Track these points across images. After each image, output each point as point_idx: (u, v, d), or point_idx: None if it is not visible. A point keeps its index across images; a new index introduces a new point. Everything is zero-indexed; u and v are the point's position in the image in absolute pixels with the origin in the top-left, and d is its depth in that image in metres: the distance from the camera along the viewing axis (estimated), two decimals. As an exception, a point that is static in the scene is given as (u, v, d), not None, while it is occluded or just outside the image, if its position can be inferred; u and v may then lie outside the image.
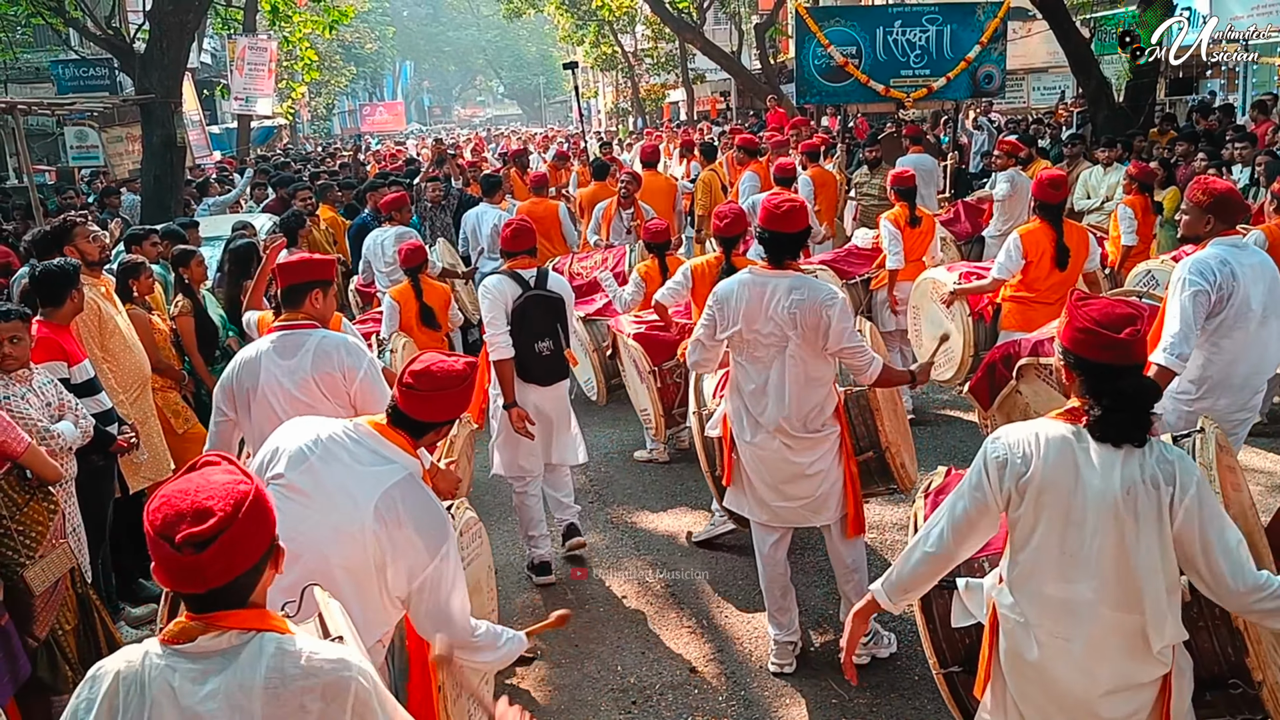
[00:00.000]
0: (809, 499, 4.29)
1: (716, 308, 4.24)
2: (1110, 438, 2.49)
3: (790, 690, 4.40)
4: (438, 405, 2.84)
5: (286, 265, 3.91)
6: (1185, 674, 2.65)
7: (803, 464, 4.24)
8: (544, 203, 9.91)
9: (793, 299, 4.04)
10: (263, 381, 3.79)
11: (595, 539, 6.07)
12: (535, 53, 74.69)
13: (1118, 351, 2.48)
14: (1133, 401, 2.48)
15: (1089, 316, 2.54)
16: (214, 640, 1.90)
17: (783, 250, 4.18)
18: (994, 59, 11.80)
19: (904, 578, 2.83)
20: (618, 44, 35.60)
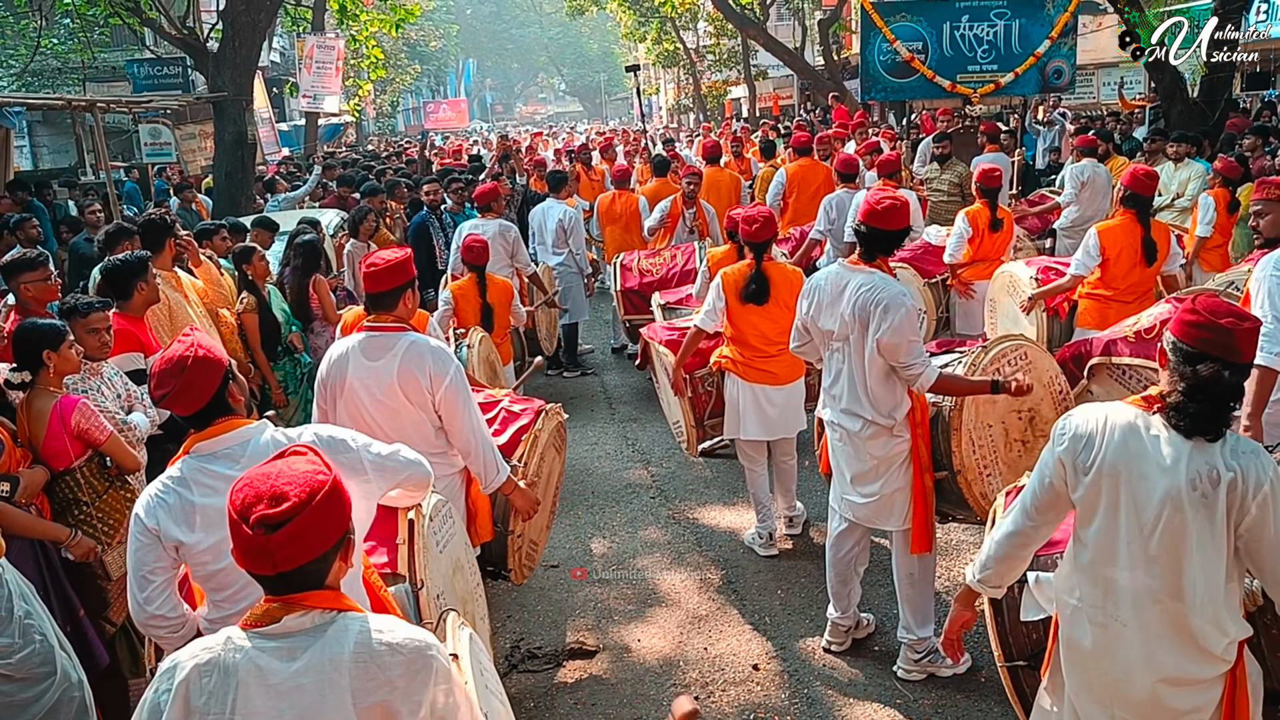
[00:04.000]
0: (874, 498, 4.27)
1: (807, 300, 4.33)
2: (1184, 427, 2.46)
3: (854, 689, 4.37)
4: None
5: (377, 270, 3.84)
6: (1254, 679, 2.60)
7: (867, 461, 4.24)
8: (625, 194, 9.98)
9: (860, 294, 4.06)
10: (350, 380, 3.84)
11: (657, 535, 6.09)
12: (597, 50, 74.86)
13: (1217, 338, 2.44)
14: (1216, 393, 2.43)
15: (1199, 304, 2.52)
16: (299, 619, 1.97)
17: (877, 246, 4.17)
18: (1064, 54, 11.56)
19: (988, 558, 2.87)
20: (680, 40, 35.55)
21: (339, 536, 2.01)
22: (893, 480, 4.24)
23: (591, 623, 5.10)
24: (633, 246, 9.58)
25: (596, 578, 5.59)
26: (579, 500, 6.69)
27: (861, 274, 4.12)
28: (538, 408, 4.65)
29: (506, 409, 4.49)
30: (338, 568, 2.03)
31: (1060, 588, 2.75)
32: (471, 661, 2.43)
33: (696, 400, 5.83)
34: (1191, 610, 2.50)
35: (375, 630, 1.99)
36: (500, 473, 3.95)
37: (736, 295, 5.31)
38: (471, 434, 3.87)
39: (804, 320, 4.38)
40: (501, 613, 5.21)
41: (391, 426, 3.82)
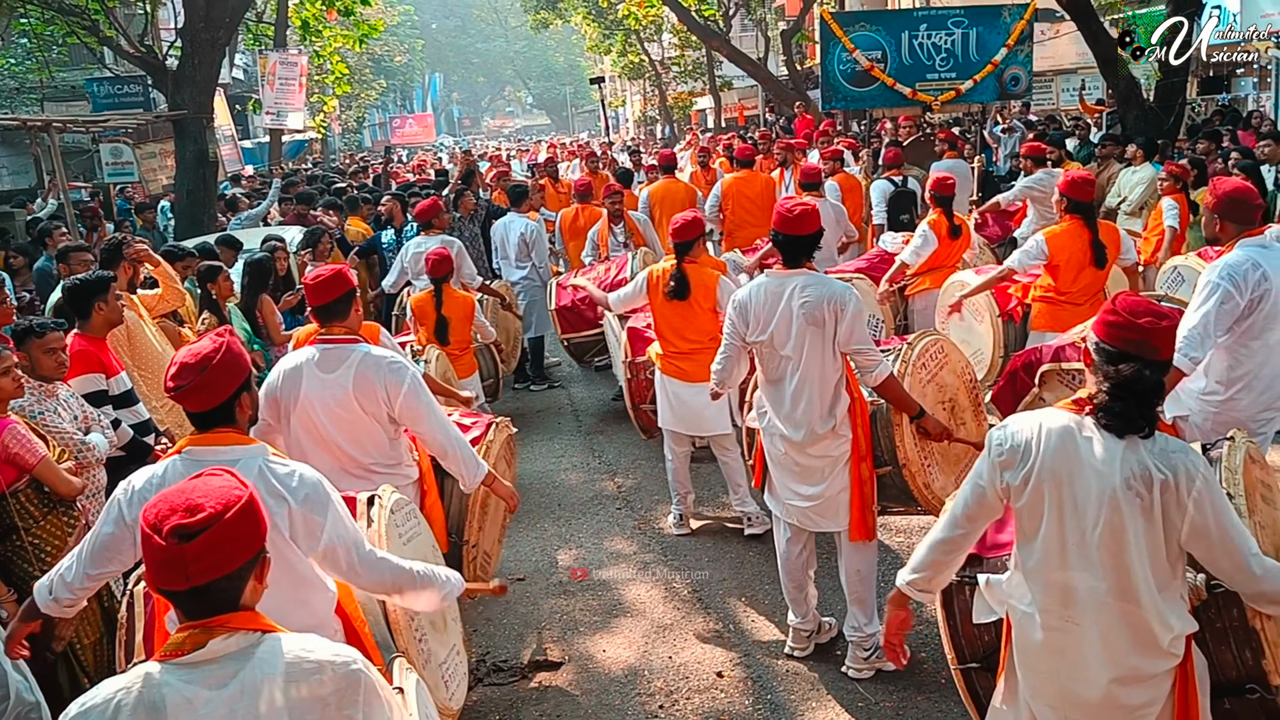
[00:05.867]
0: (819, 500, 4.33)
1: (738, 314, 4.34)
2: (1114, 427, 2.51)
3: (817, 693, 4.40)
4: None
5: (320, 282, 3.91)
6: (1200, 671, 2.65)
7: (806, 464, 4.32)
8: (588, 209, 10.01)
9: (806, 295, 4.14)
10: (304, 393, 3.84)
11: (623, 545, 6.11)
12: (563, 62, 75.05)
13: (1135, 337, 2.50)
14: (1138, 390, 2.49)
15: (1118, 304, 2.58)
16: (225, 642, 1.93)
17: (798, 252, 4.26)
18: (1020, 60, 11.73)
19: (919, 562, 2.90)
20: (645, 53, 35.69)
21: (253, 553, 1.99)
22: (838, 480, 4.30)
23: (557, 634, 5.11)
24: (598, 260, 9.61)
25: (562, 589, 5.60)
26: (545, 512, 6.70)
27: (799, 277, 4.21)
28: (488, 421, 4.69)
29: (458, 423, 4.51)
30: (252, 588, 2.01)
31: (1010, 593, 2.79)
32: (417, 702, 2.46)
33: (636, 385, 6.42)
34: (1139, 607, 2.55)
35: (302, 649, 1.98)
36: (480, 469, 3.99)
37: (659, 292, 5.63)
38: (443, 435, 3.90)
39: (735, 338, 4.38)
40: (468, 626, 5.18)
41: (347, 439, 3.84)
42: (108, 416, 4.78)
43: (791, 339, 4.18)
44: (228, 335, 2.85)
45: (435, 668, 3.28)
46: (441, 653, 3.37)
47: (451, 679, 3.41)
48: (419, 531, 3.53)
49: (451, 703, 3.34)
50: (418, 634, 3.20)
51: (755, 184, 10.08)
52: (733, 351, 4.45)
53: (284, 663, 1.94)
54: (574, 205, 10.25)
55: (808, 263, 4.28)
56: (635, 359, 6.48)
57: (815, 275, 4.26)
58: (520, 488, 7.08)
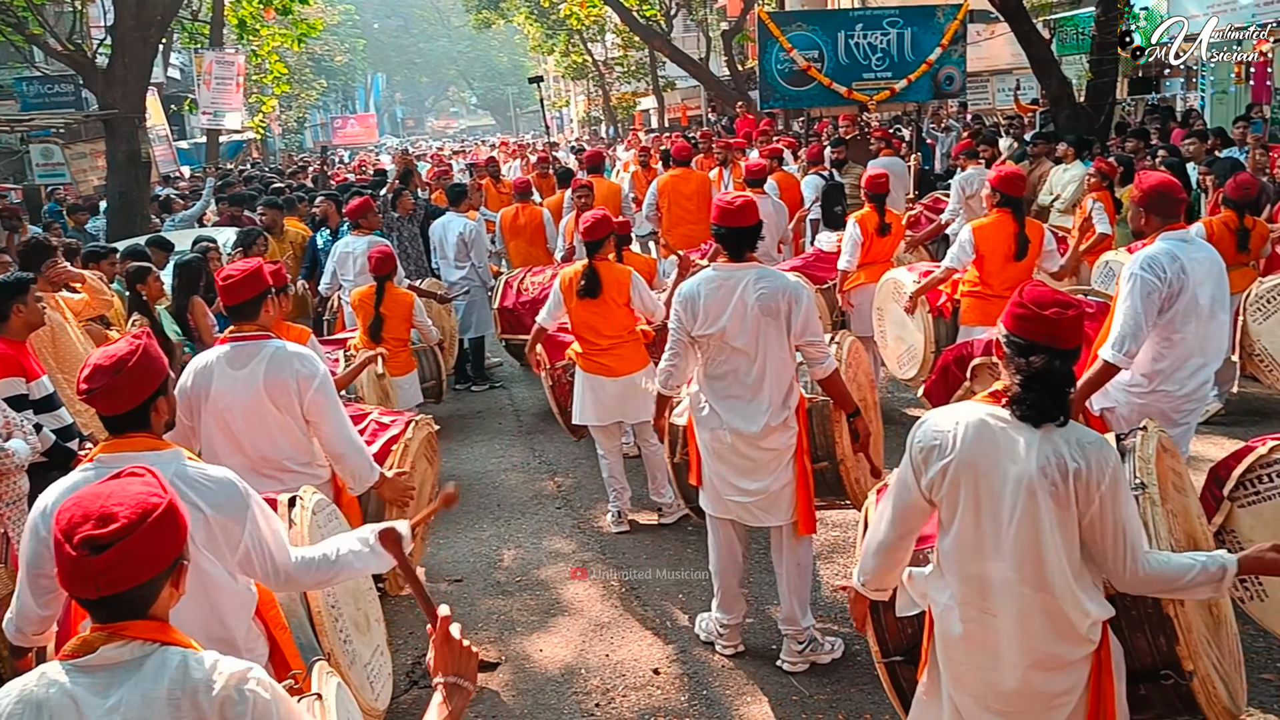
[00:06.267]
0: (762, 495, 4.33)
1: (684, 309, 4.31)
2: (1029, 417, 2.54)
3: (752, 688, 4.42)
4: None
5: (232, 282, 3.88)
6: (1117, 658, 2.70)
7: (756, 457, 4.31)
8: (528, 208, 9.97)
9: (760, 288, 4.17)
10: (214, 391, 3.79)
11: (562, 545, 6.10)
12: (507, 63, 74.76)
13: (1043, 329, 2.54)
14: (1050, 381, 2.53)
15: (1025, 296, 2.62)
16: (117, 650, 1.86)
17: (741, 244, 4.28)
18: (954, 60, 11.92)
19: (866, 569, 2.94)
20: (588, 53, 35.70)
21: (170, 562, 1.91)
22: (784, 474, 4.32)
23: (494, 635, 5.08)
24: (538, 260, 9.59)
25: (500, 589, 5.57)
26: (484, 513, 6.67)
27: (749, 270, 4.23)
28: (408, 418, 4.65)
29: (376, 420, 4.48)
30: (167, 594, 1.93)
31: (930, 585, 2.81)
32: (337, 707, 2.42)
33: (560, 389, 6.45)
34: (1055, 595, 2.58)
35: (194, 664, 1.89)
36: (373, 472, 3.94)
37: (572, 293, 5.67)
38: (341, 437, 3.85)
39: (681, 333, 4.35)
40: (404, 629, 5.15)
41: (260, 436, 3.79)
42: (29, 421, 4.66)
43: (746, 331, 4.19)
44: (145, 338, 2.78)
45: (360, 669, 3.24)
46: (366, 653, 3.34)
47: (376, 679, 3.37)
48: (339, 531, 3.48)
49: (377, 703, 3.31)
50: (342, 635, 3.17)
51: (691, 182, 10.14)
52: (680, 348, 4.40)
53: (170, 677, 1.85)
54: (514, 205, 10.22)
55: (751, 255, 4.30)
56: (554, 364, 6.49)
57: (766, 268, 4.32)
58: (459, 488, 7.09)
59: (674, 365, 4.46)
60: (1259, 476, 3.56)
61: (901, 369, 6.93)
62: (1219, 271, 4.43)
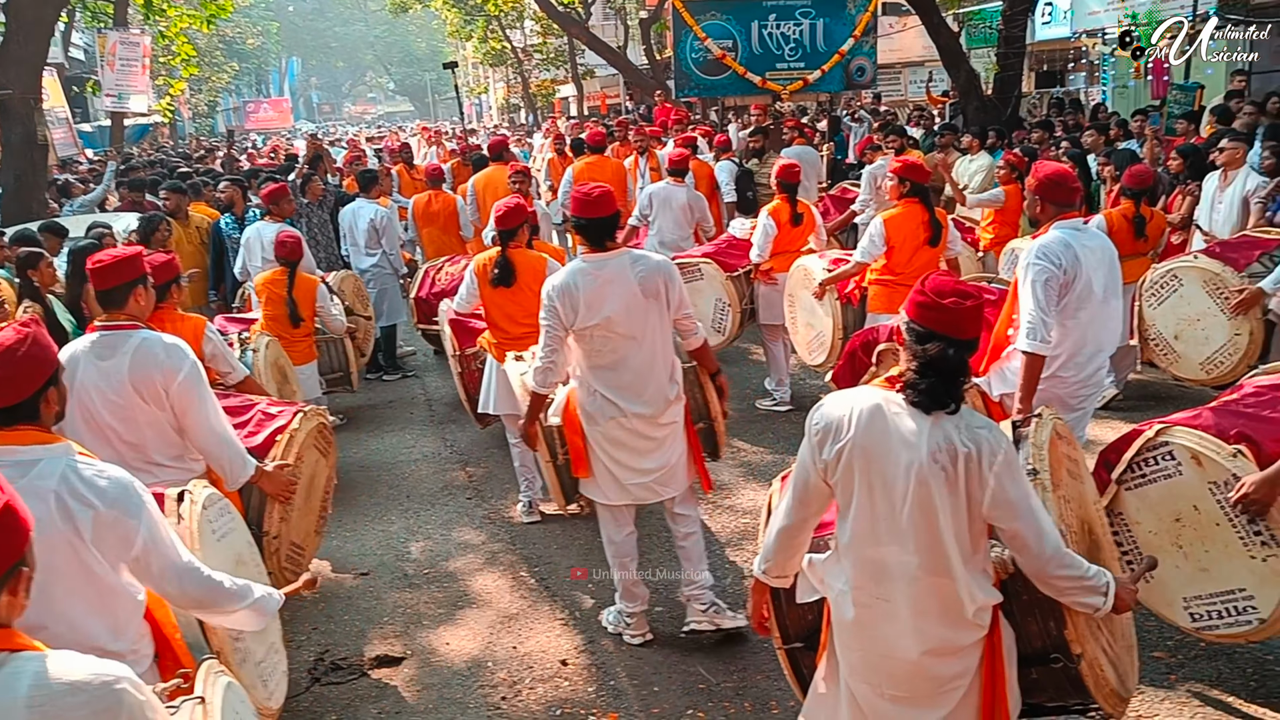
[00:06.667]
0: (662, 470, 4.45)
1: (563, 303, 4.24)
2: (922, 404, 2.56)
3: (660, 677, 4.42)
4: None
5: (101, 267, 3.73)
6: (1008, 643, 2.74)
7: (659, 436, 4.41)
8: (441, 194, 9.83)
9: (639, 271, 4.25)
10: (79, 382, 3.62)
11: (472, 536, 6.03)
12: (425, 48, 73.64)
13: (942, 318, 2.56)
14: (944, 369, 2.55)
15: (927, 285, 2.63)
16: None
17: (602, 234, 4.33)
18: (865, 52, 12.07)
19: (768, 551, 2.93)
20: (506, 39, 35.32)
21: (7, 567, 1.80)
22: (679, 444, 4.48)
23: (400, 629, 5.00)
24: (452, 248, 9.48)
25: (408, 582, 5.48)
26: (393, 504, 6.57)
27: (622, 256, 4.31)
28: (296, 409, 4.54)
29: (263, 410, 4.36)
30: (6, 602, 1.81)
31: (828, 571, 2.82)
32: (223, 709, 2.33)
33: (469, 376, 6.35)
34: (948, 580, 2.61)
35: (54, 669, 1.78)
36: (246, 466, 3.82)
37: (486, 281, 5.63)
38: (209, 430, 3.72)
39: (558, 329, 4.28)
40: (307, 624, 5.04)
41: (127, 429, 3.65)
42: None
43: (633, 316, 4.23)
44: (34, 325, 2.64)
45: (253, 666, 3.15)
46: (259, 651, 3.24)
47: (270, 677, 3.28)
48: (233, 528, 3.38)
49: (270, 702, 3.22)
50: (233, 633, 3.07)
51: (606, 170, 10.13)
52: (557, 344, 4.34)
53: (29, 685, 1.75)
54: (427, 191, 10.08)
55: (610, 243, 4.34)
56: (464, 350, 6.39)
57: (634, 251, 4.41)
58: (369, 480, 7.01)
59: (552, 362, 4.37)
60: (1145, 460, 3.66)
61: (811, 355, 6.98)
62: (1111, 259, 4.53)
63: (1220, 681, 4.12)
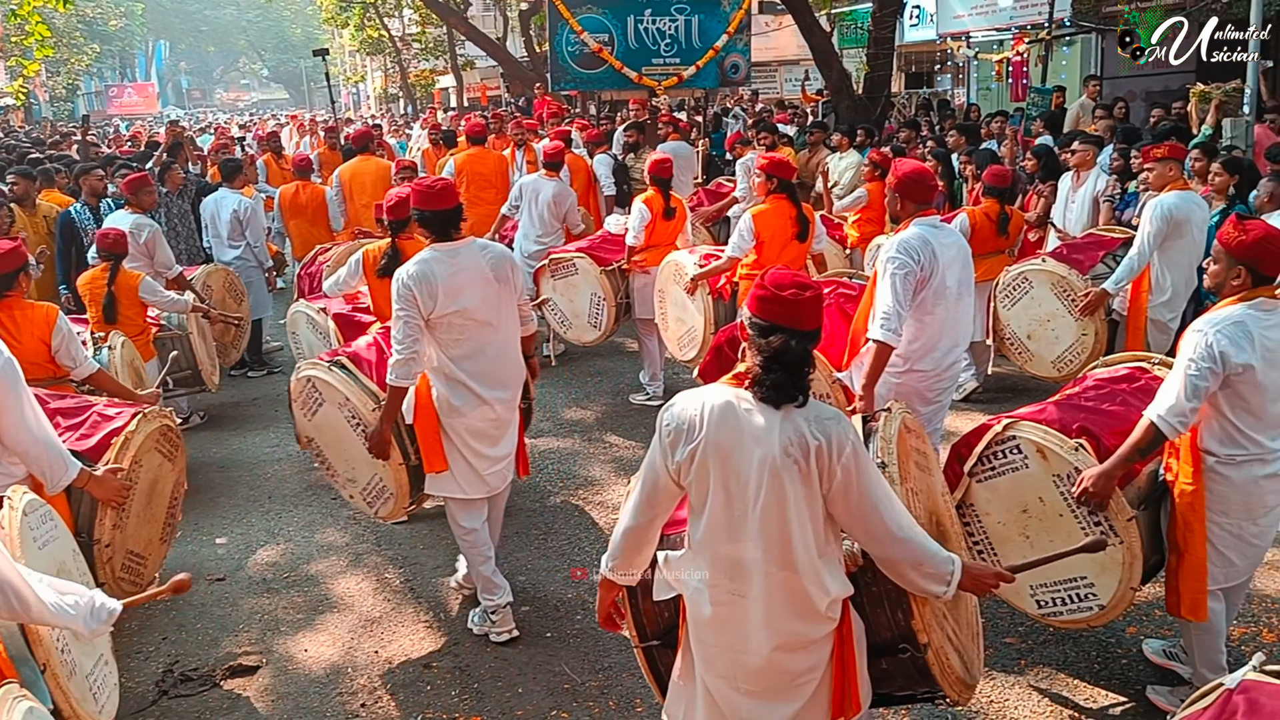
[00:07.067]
0: (510, 455, 4.57)
1: (423, 292, 4.17)
2: (770, 398, 2.56)
3: (525, 679, 4.35)
4: None
5: None
6: (858, 634, 2.77)
7: (511, 420, 4.54)
8: (309, 185, 9.55)
9: (489, 258, 4.35)
10: None
11: (335, 537, 5.86)
12: (301, 35, 71.64)
13: (781, 310, 2.57)
14: (787, 361, 2.55)
15: (766, 279, 2.63)
16: None
17: (446, 225, 4.34)
18: (740, 49, 12.18)
19: (614, 550, 2.90)
20: (384, 28, 34.58)
21: None
22: (515, 429, 4.60)
23: (255, 637, 4.81)
24: (321, 240, 9.22)
25: (266, 587, 5.29)
26: (254, 506, 6.33)
27: (470, 243, 4.38)
28: (135, 410, 4.32)
29: (99, 412, 4.14)
30: None
31: (682, 568, 2.80)
32: None
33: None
34: (799, 574, 2.62)
35: None
36: (68, 470, 3.63)
37: (374, 271, 5.64)
38: (24, 431, 3.51)
39: (417, 317, 4.19)
40: (155, 635, 4.81)
41: None
42: None
43: (489, 303, 4.31)
44: None
45: (81, 679, 2.97)
46: (88, 663, 3.06)
47: (101, 690, 3.10)
48: (56, 535, 3.18)
49: (101, 715, 3.04)
50: (59, 644, 2.89)
51: (488, 161, 10.03)
52: (418, 333, 4.23)
53: None
54: (294, 182, 9.78)
55: (456, 234, 4.35)
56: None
57: (480, 240, 4.50)
58: (228, 481, 6.75)
59: (414, 353, 4.24)
60: (994, 453, 3.76)
61: (682, 351, 7.01)
62: (965, 256, 4.66)
63: (1067, 665, 4.27)
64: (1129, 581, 3.57)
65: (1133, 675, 4.18)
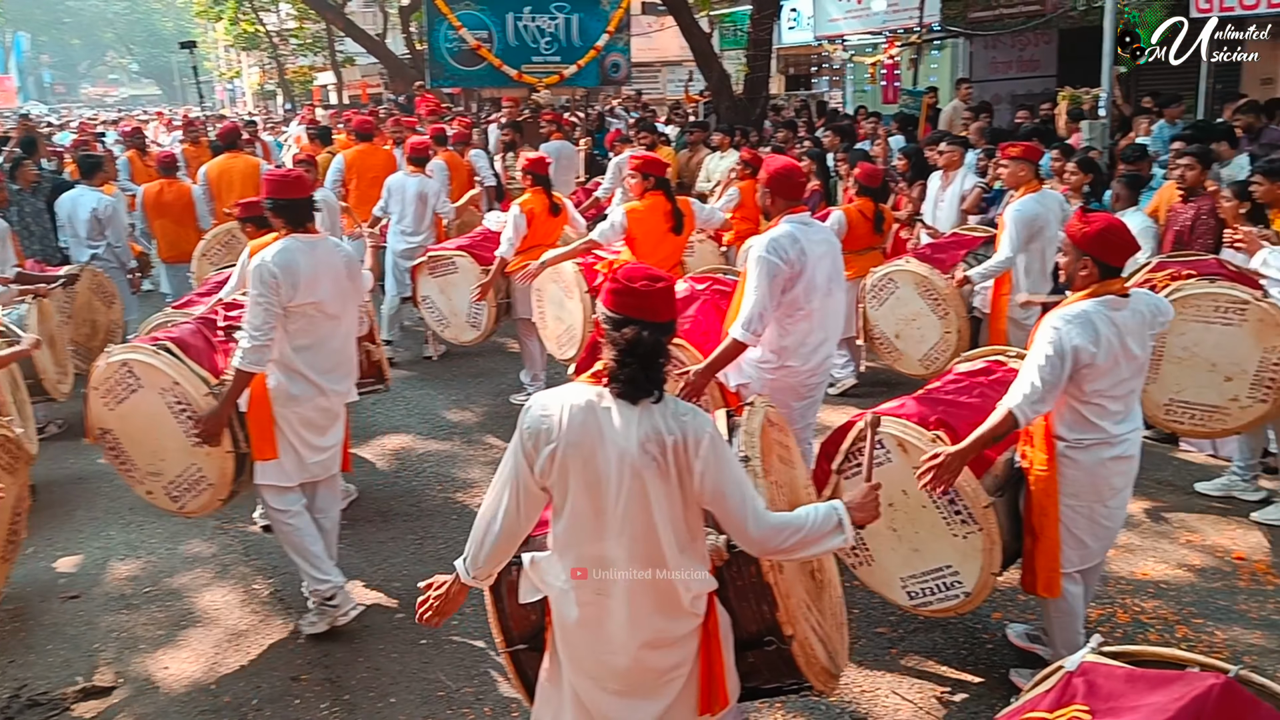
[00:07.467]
0: (337, 445, 4.64)
1: (285, 282, 4.20)
2: (625, 393, 2.54)
3: (396, 687, 4.25)
4: None
5: None
6: (724, 629, 2.77)
7: (341, 412, 4.66)
8: (174, 184, 9.17)
9: (340, 253, 4.48)
10: None
11: (201, 548, 5.64)
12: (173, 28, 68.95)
13: (633, 301, 2.55)
14: (640, 352, 2.53)
15: (619, 274, 2.62)
16: None
17: (301, 215, 4.39)
18: (620, 48, 12.20)
19: (475, 555, 2.81)
20: (260, 22, 33.57)
21: None
22: (343, 418, 4.70)
23: (113, 656, 4.58)
24: (188, 240, 8.88)
25: (125, 603, 5.05)
26: (113, 518, 6.05)
27: (325, 238, 4.48)
28: None
29: None
30: None
31: (547, 570, 2.77)
32: None
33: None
34: (664, 570, 2.61)
35: None
36: None
37: None
38: None
39: (276, 306, 4.20)
40: (3, 658, 4.55)
41: None
42: None
43: (339, 298, 4.40)
44: None
45: None
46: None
47: None
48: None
49: None
50: None
51: (378, 157, 9.91)
52: (275, 320, 4.23)
53: None
54: (159, 180, 9.39)
55: (311, 226, 4.42)
56: None
57: (331, 238, 4.61)
58: (86, 492, 6.45)
59: (270, 339, 4.24)
60: (859, 449, 3.82)
61: (561, 349, 6.96)
62: (834, 252, 4.74)
63: (936, 652, 4.38)
64: (989, 567, 3.68)
65: (998, 659, 4.30)
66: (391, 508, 6.02)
